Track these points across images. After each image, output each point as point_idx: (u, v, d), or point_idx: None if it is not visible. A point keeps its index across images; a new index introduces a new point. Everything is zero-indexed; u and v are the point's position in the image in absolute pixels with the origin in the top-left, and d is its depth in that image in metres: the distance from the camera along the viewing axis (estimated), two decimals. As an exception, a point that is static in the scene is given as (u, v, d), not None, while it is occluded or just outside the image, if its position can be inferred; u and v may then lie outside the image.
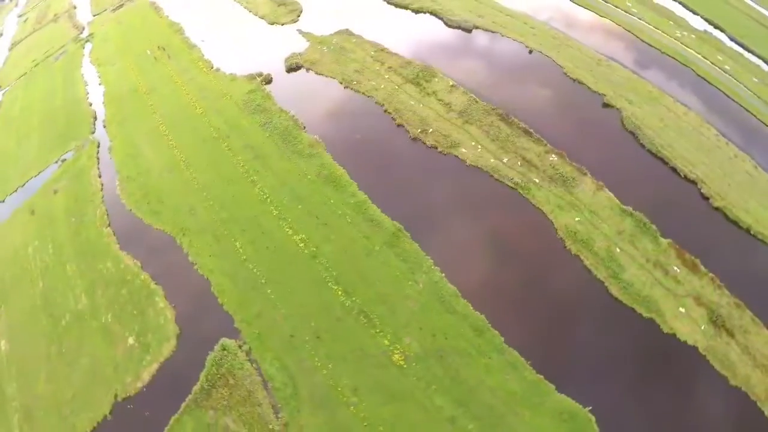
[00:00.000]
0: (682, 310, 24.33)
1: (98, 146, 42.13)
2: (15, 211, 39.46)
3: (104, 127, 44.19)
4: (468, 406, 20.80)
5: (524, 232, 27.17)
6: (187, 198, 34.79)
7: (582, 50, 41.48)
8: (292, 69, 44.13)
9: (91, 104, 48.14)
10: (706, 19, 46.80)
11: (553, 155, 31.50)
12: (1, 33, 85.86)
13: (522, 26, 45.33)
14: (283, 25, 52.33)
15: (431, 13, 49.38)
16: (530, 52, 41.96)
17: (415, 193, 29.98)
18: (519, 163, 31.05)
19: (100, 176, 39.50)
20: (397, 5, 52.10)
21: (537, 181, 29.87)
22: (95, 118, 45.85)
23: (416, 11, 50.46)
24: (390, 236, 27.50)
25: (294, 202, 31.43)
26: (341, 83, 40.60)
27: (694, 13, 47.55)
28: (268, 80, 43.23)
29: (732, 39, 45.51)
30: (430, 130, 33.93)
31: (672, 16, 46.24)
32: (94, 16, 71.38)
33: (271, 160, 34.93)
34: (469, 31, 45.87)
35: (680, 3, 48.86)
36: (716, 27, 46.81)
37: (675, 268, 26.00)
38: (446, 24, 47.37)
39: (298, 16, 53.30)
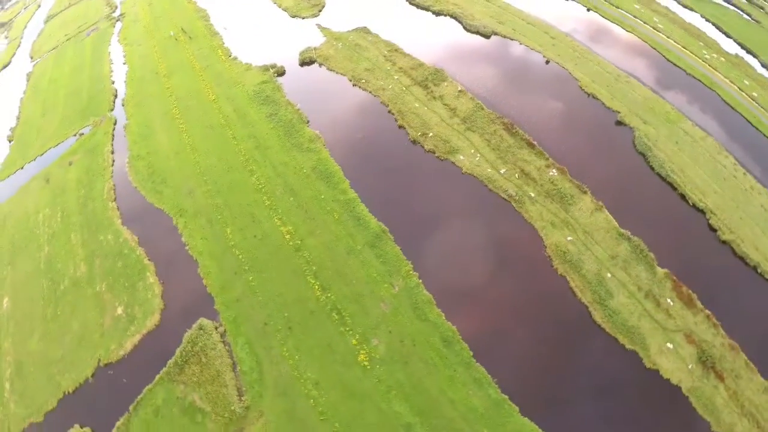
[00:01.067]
0: (669, 345, 23.03)
1: (114, 123, 43.88)
2: (32, 178, 41.67)
3: (123, 105, 45.99)
4: (426, 416, 20.47)
5: (511, 246, 26.42)
6: (188, 181, 35.73)
7: (602, 64, 39.92)
8: (305, 63, 44.55)
9: (113, 82, 50.24)
10: (739, 43, 44.09)
11: (554, 170, 30.45)
12: (39, 5, 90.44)
13: (542, 36, 44.08)
14: (303, 18, 52.90)
15: (451, 16, 48.77)
16: (547, 62, 40.76)
17: (406, 196, 29.68)
18: (516, 175, 30.19)
19: (112, 152, 41.13)
20: (418, 6, 51.78)
21: (533, 195, 28.97)
22: (115, 96, 47.82)
23: (437, 13, 49.98)
24: (373, 237, 27.36)
25: (286, 194, 31.74)
26: (350, 80, 40.66)
27: (728, 35, 44.90)
28: (281, 72, 43.78)
29: (764, 66, 42.65)
30: (431, 134, 33.48)
31: (703, 36, 43.83)
32: (127, -5, 74.31)
33: (271, 152, 35.41)
34: (487, 36, 44.99)
35: (714, 24, 46.22)
36: (749, 52, 44.06)
37: (669, 300, 24.64)
38: (465, 28, 46.64)
39: (320, 10, 53.75)
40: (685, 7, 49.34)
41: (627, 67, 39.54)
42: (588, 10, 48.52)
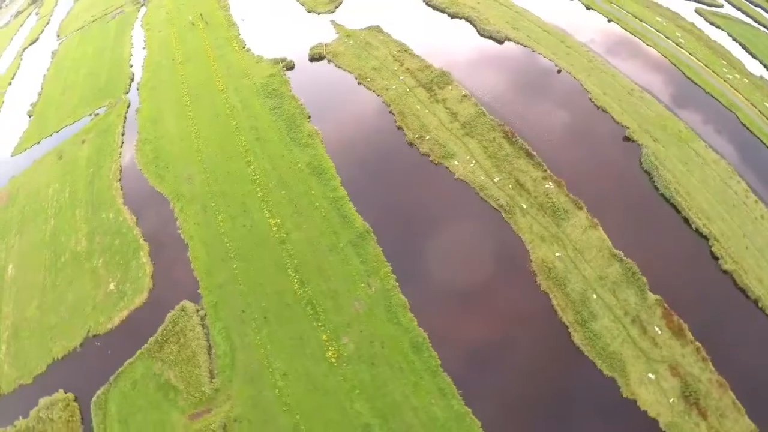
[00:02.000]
0: (651, 376, 21.93)
1: (128, 106, 45.37)
2: (47, 153, 43.67)
3: (137, 89, 47.49)
4: (386, 419, 20.33)
5: (495, 257, 25.77)
6: (188, 167, 36.59)
7: (616, 77, 38.41)
8: (314, 58, 44.81)
9: (131, 66, 51.96)
10: (765, 65, 41.42)
11: (551, 183, 29.52)
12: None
13: (557, 44, 42.80)
14: (319, 14, 53.19)
15: (466, 19, 48.00)
16: (559, 71, 39.55)
17: (394, 198, 29.45)
18: (510, 185, 29.43)
19: (123, 134, 42.58)
20: (435, 7, 51.20)
21: (524, 206, 28.17)
22: (132, 80, 49.44)
23: (452, 15, 49.29)
24: (357, 236, 27.28)
25: (279, 187, 32.05)
26: (356, 78, 40.63)
27: (753, 56, 42.31)
28: (290, 66, 44.18)
29: (790, 90, 39.95)
30: (428, 137, 33.06)
31: (727, 56, 41.52)
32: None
33: (269, 144, 35.82)
34: (500, 42, 44.06)
35: (741, 44, 43.65)
36: (775, 75, 41.36)
37: (657, 328, 23.47)
38: (478, 32, 45.83)
39: (336, 7, 53.89)
40: (712, 24, 46.83)
41: (642, 82, 37.88)
42: (609, 21, 46.80)
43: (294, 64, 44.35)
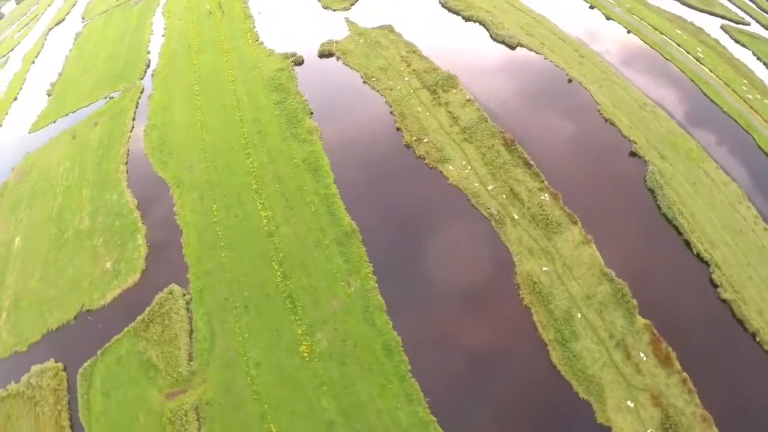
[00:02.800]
0: (630, 404, 21.03)
1: (141, 92, 46.67)
2: (62, 133, 45.46)
3: (152, 75, 48.76)
4: (350, 418, 20.35)
5: (478, 267, 25.25)
6: (191, 155, 37.40)
7: (629, 90, 37.02)
8: (324, 55, 44.98)
9: (149, 52, 53.42)
10: None
11: (547, 194, 28.70)
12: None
13: (571, 53, 41.60)
14: (334, 11, 53.31)
15: (480, 23, 47.23)
16: (569, 81, 38.43)
17: (385, 199, 29.29)
18: (504, 194, 28.78)
19: (134, 119, 43.84)
20: (450, 10, 50.58)
21: (516, 217, 27.48)
22: (148, 66, 50.82)
23: (466, 18, 48.57)
24: (343, 234, 27.28)
25: (274, 181, 32.39)
26: (362, 77, 40.54)
27: (778, 78, 40.09)
28: (299, 62, 44.46)
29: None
30: (425, 140, 32.68)
31: (750, 75, 39.35)
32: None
33: (269, 138, 36.20)
34: (512, 47, 43.13)
35: (765, 64, 41.33)
36: (798, 99, 38.89)
37: (642, 354, 22.47)
38: (491, 37, 45.02)
39: (352, 4, 53.88)
40: (737, 42, 44.52)
41: (657, 96, 36.36)
42: (628, 32, 45.12)
43: (303, 60, 44.61)
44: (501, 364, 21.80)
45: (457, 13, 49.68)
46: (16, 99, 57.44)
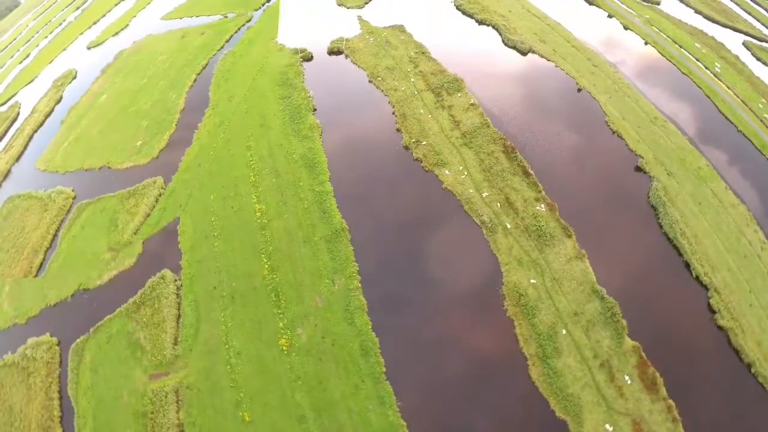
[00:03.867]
0: (609, 427, 20.31)
1: (248, 21, 51.68)
2: (179, 30, 52.43)
3: (263, 11, 53.72)
4: (321, 414, 20.43)
5: (465, 274, 24.81)
6: (236, 89, 40.69)
7: (640, 102, 35.81)
8: (333, 52, 45.04)
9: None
10: None
11: (543, 205, 28.00)
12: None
13: (584, 62, 40.51)
14: (348, 8, 53.33)
15: (493, 27, 46.48)
16: (579, 90, 37.44)
17: (377, 200, 29.11)
18: (499, 202, 28.19)
19: (227, 41, 49.17)
20: (464, 12, 49.97)
21: (508, 226, 26.89)
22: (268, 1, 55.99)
23: (480, 22, 47.89)
24: (332, 232, 27.26)
25: (271, 175, 32.60)
26: (368, 76, 40.44)
27: (798, 99, 38.07)
28: (308, 58, 44.64)
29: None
30: (424, 142, 32.32)
31: (769, 95, 37.67)
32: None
33: (271, 132, 36.47)
34: (523, 53, 42.30)
35: None
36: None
37: (627, 377, 21.66)
38: (503, 41, 44.24)
39: (366, 3, 53.80)
40: (759, 59, 42.52)
41: (669, 111, 35.04)
42: (646, 43, 43.65)
43: (312, 56, 44.78)
44: (478, 375, 21.34)
45: (470, 15, 49.05)
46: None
